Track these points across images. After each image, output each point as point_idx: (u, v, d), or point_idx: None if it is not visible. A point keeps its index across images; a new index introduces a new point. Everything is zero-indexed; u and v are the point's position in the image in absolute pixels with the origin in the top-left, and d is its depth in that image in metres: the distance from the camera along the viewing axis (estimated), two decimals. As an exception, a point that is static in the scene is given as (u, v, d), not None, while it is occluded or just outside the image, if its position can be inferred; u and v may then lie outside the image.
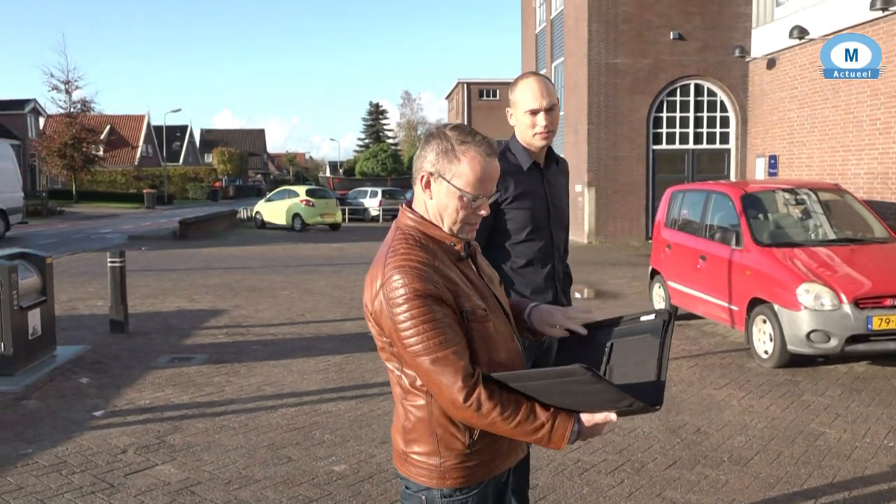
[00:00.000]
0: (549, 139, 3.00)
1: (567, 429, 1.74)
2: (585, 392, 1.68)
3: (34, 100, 49.69)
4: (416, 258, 1.77)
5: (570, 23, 21.05)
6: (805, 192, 8.42)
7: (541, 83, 2.95)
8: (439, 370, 1.70)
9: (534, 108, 2.93)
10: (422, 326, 1.70)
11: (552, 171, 3.15)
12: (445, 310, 1.74)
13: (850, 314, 6.27)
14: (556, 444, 1.75)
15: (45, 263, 6.95)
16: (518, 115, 2.99)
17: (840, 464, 4.48)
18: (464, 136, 1.85)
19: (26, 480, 4.20)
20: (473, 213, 1.86)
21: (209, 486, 4.12)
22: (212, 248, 19.14)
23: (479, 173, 1.82)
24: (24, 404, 5.63)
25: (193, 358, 7.12)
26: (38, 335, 6.63)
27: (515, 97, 3.00)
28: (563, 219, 3.20)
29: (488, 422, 1.72)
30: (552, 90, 2.97)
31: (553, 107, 2.95)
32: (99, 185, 50.90)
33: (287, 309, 9.90)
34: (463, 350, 1.73)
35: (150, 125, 63.44)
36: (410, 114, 76.47)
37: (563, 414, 1.75)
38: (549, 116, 2.95)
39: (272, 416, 5.35)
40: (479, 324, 1.79)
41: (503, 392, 1.72)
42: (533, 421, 1.73)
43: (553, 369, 1.71)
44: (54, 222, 30.44)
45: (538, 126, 2.95)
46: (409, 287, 1.71)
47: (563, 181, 3.25)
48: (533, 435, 1.74)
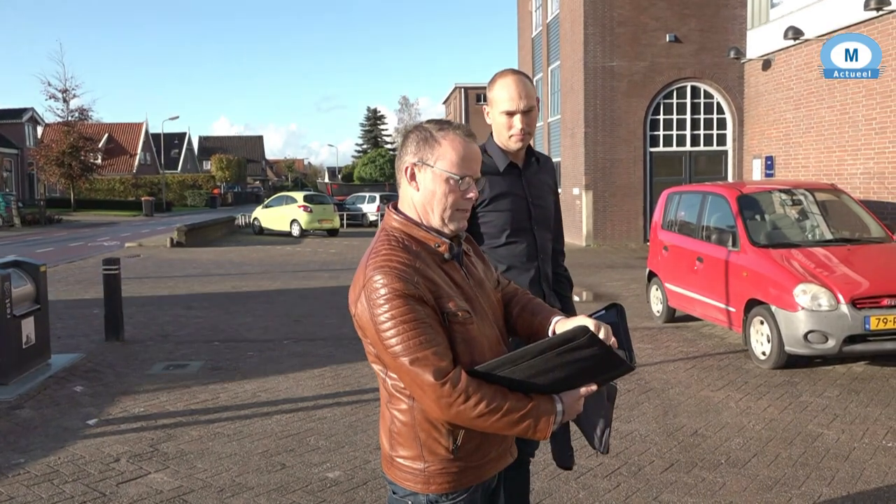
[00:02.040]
0: (525, 141, 2.85)
1: (551, 415, 1.73)
2: (579, 360, 1.68)
3: (32, 109, 49.77)
4: (396, 259, 1.75)
5: (566, 26, 21.07)
6: (801, 193, 8.40)
7: (519, 83, 2.79)
8: (419, 371, 1.68)
9: (510, 110, 2.78)
10: (401, 326, 1.69)
11: (532, 171, 3.00)
12: (426, 310, 1.72)
13: (848, 314, 6.24)
14: (542, 431, 1.74)
15: (39, 272, 6.92)
16: (494, 114, 2.85)
17: (838, 465, 4.45)
18: (440, 124, 1.89)
19: (17, 490, 4.16)
20: (462, 198, 1.85)
21: (202, 495, 4.08)
22: (209, 255, 19.11)
23: (462, 152, 1.84)
24: (18, 413, 5.59)
25: (189, 365, 7.08)
26: (31, 343, 6.59)
27: (493, 95, 2.84)
28: (547, 219, 3.05)
29: (472, 418, 1.69)
30: (531, 90, 2.82)
31: (531, 108, 2.80)
32: (97, 193, 50.93)
33: (284, 315, 9.87)
34: (444, 351, 1.71)
35: (149, 133, 63.51)
36: (408, 119, 76.48)
37: (545, 399, 1.74)
38: (526, 118, 2.79)
39: (267, 423, 5.32)
40: (461, 326, 1.77)
41: (485, 388, 1.70)
42: (519, 410, 1.70)
43: (551, 340, 1.70)
44: (52, 231, 30.39)
45: (514, 128, 2.80)
46: (390, 287, 1.70)
47: (547, 179, 3.09)
48: (518, 426, 1.72)
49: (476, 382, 1.69)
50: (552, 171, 3.19)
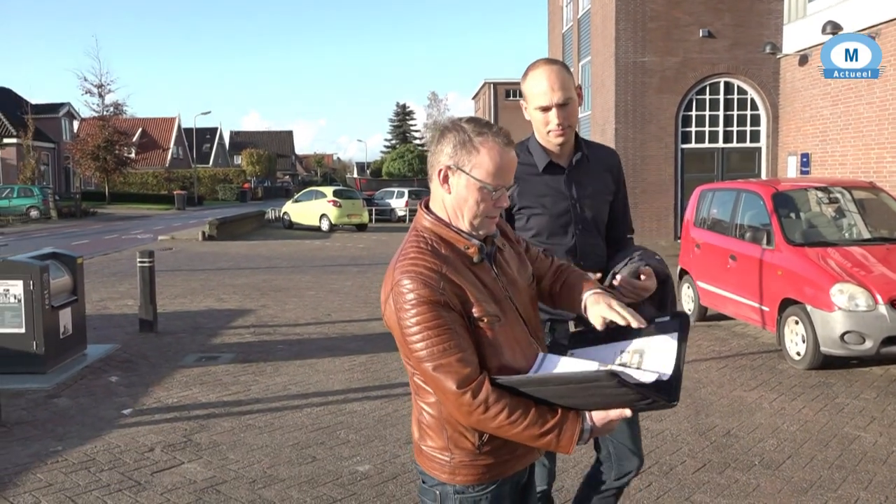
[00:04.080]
0: (566, 136, 2.61)
1: (575, 432, 1.72)
2: (605, 395, 1.66)
3: (68, 103, 50.68)
4: (423, 264, 1.75)
5: (598, 21, 20.88)
6: (838, 191, 8.23)
7: (552, 74, 2.54)
8: (442, 377, 1.70)
9: (544, 105, 2.56)
10: (426, 332, 1.70)
11: (581, 169, 2.72)
12: (453, 315, 1.72)
13: (886, 315, 6.11)
14: (565, 447, 1.73)
15: (76, 263, 7.06)
16: (530, 110, 2.64)
17: (876, 468, 4.36)
18: (480, 127, 1.83)
19: (56, 477, 4.25)
20: (494, 206, 1.83)
21: (234, 485, 4.13)
22: (240, 249, 19.32)
23: (499, 163, 1.80)
24: (56, 402, 5.71)
25: (220, 357, 7.17)
26: (69, 334, 6.72)
27: (526, 90, 2.62)
28: (595, 223, 2.74)
29: (493, 427, 1.71)
30: (567, 80, 2.55)
31: (568, 100, 2.55)
32: (131, 186, 51.78)
33: (313, 309, 9.94)
34: (469, 357, 1.71)
35: (181, 127, 64.33)
36: (437, 114, 76.46)
37: (572, 415, 1.73)
38: (563, 112, 2.55)
39: (297, 416, 5.36)
40: (488, 330, 1.76)
41: (510, 396, 1.70)
42: (541, 425, 1.70)
43: (575, 374, 1.68)
44: (87, 223, 30.97)
45: (551, 124, 2.58)
46: (416, 293, 1.71)
47: (600, 178, 2.78)
48: (540, 440, 1.72)
49: (499, 392, 1.69)
50: (612, 165, 2.86)
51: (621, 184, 2.89)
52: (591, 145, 2.82)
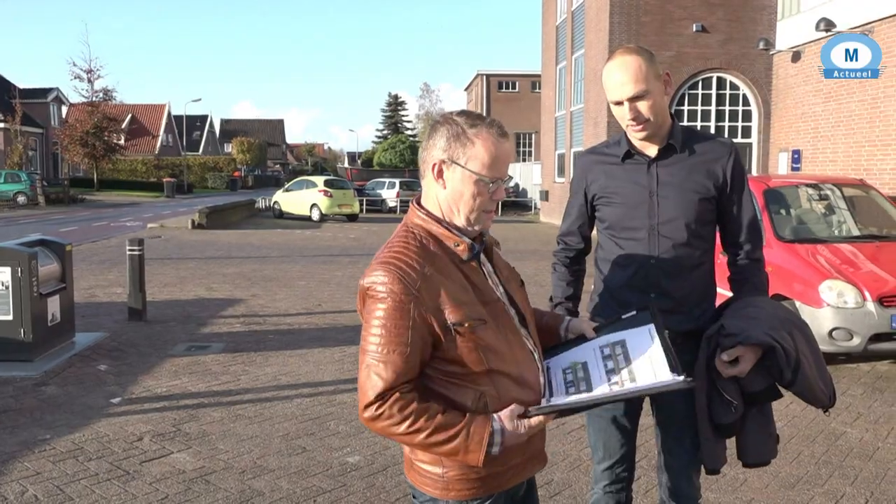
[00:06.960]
0: (647, 130, 2.44)
1: (483, 435, 1.67)
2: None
3: (57, 88, 50.19)
4: (405, 259, 1.71)
5: (592, 14, 20.87)
6: (829, 188, 8.28)
7: (621, 67, 2.41)
8: (367, 374, 1.68)
9: (615, 100, 2.45)
10: (380, 329, 1.67)
11: (671, 160, 2.51)
12: (416, 320, 1.67)
13: (874, 312, 6.16)
14: (474, 454, 1.67)
15: (65, 251, 7.00)
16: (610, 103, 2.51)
17: (862, 464, 4.40)
18: (473, 119, 1.80)
19: (44, 466, 4.23)
20: (490, 199, 1.80)
21: (224, 476, 4.12)
22: (230, 238, 19.24)
23: (494, 154, 1.77)
24: (43, 390, 5.68)
25: (210, 347, 7.15)
26: (57, 322, 6.68)
27: (603, 81, 2.51)
28: (681, 221, 2.48)
29: (396, 435, 1.67)
30: (640, 72, 2.39)
31: (642, 94, 2.38)
32: (120, 173, 51.41)
33: (304, 299, 9.92)
34: (404, 369, 1.66)
35: (171, 114, 63.93)
36: (429, 105, 76.31)
37: (479, 419, 1.69)
38: (635, 106, 2.39)
39: (287, 406, 5.35)
40: (470, 335, 1.70)
41: (417, 406, 1.66)
42: (445, 431, 1.65)
43: (649, 387, 1.75)
44: (75, 210, 30.75)
45: (626, 119, 2.44)
46: (388, 287, 1.68)
47: (694, 172, 2.50)
48: (446, 445, 1.67)
49: (411, 401, 1.65)
50: (716, 159, 2.52)
51: (731, 182, 2.53)
52: (694, 136, 2.57)
